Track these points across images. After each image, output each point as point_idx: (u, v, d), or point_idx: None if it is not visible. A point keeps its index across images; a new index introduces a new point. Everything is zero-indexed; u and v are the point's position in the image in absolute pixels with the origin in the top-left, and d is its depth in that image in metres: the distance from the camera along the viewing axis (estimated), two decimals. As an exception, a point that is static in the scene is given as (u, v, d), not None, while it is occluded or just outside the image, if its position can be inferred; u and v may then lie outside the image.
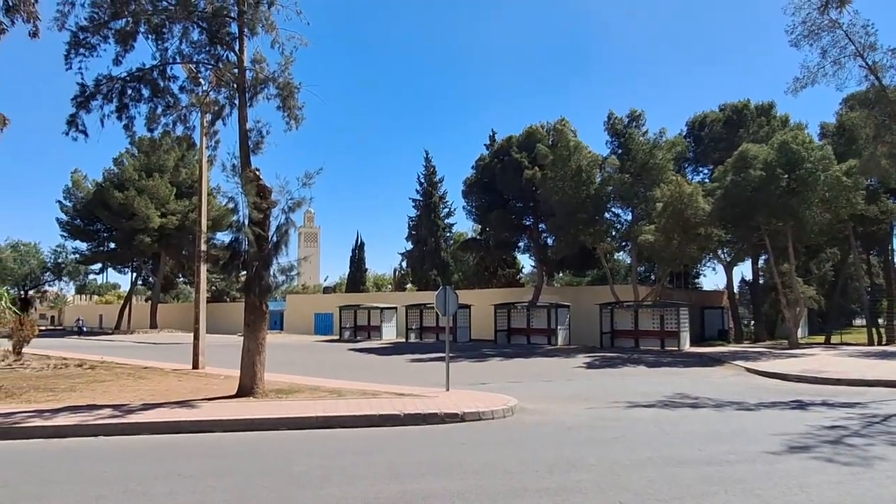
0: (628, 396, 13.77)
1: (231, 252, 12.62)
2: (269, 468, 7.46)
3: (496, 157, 40.93)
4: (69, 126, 12.57)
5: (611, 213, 34.86)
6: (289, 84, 12.72)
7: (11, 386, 14.22)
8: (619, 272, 53.54)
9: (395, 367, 22.22)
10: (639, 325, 31.93)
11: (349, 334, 43.39)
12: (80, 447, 8.89)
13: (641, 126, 34.30)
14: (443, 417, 10.62)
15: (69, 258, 64.49)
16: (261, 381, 12.94)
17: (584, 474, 6.98)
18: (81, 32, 11.65)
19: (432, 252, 56.55)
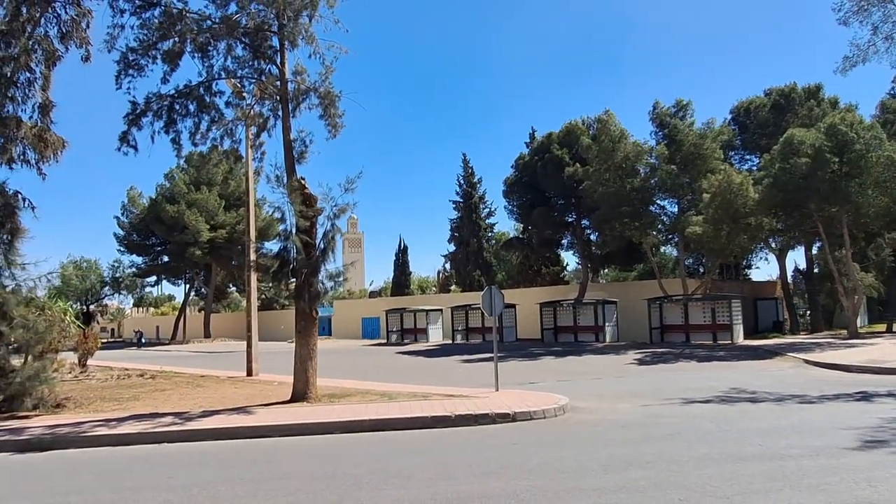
0: (682, 392, 13.49)
1: (280, 261, 12.90)
2: (327, 471, 7.60)
3: (536, 154, 40.64)
4: (121, 142, 13.10)
5: (656, 205, 34.17)
6: (330, 93, 12.96)
7: (80, 396, 14.86)
8: (666, 266, 52.44)
9: (444, 368, 22.32)
10: (689, 320, 31.23)
11: (396, 337, 43.77)
12: (146, 454, 9.23)
13: (688, 115, 33.54)
14: (494, 418, 10.62)
15: (126, 272, 67.03)
16: (313, 386, 13.19)
17: (640, 472, 6.88)
18: (131, 54, 12.14)
19: (475, 253, 56.54)
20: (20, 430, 10.75)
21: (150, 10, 12.28)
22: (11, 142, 12.54)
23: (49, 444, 9.89)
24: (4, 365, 12.96)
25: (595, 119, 37.83)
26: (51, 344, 14.02)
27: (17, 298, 13.24)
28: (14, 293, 13.22)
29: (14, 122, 12.44)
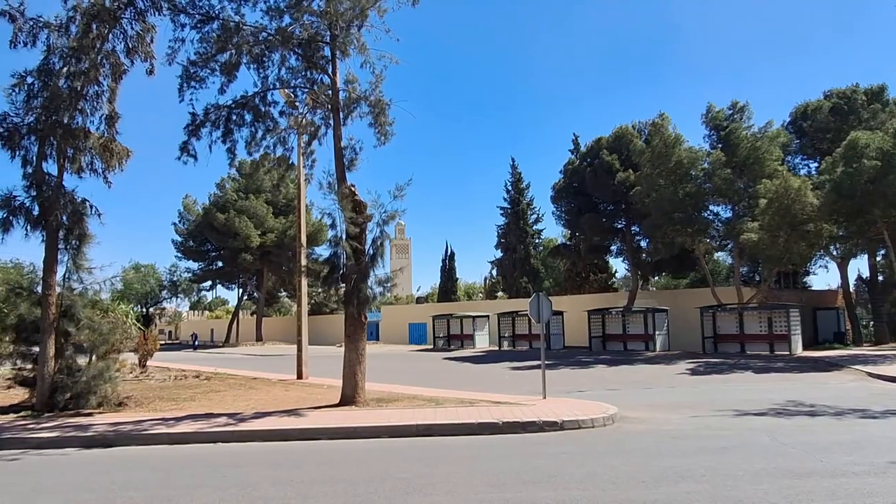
0: (736, 404, 13.09)
1: (330, 266, 13.15)
2: (375, 475, 7.68)
3: (585, 160, 40.20)
4: (181, 152, 13.63)
5: (710, 211, 33.29)
6: (380, 101, 13.19)
7: (140, 396, 15.47)
8: (719, 274, 50.96)
9: (491, 375, 22.26)
10: (744, 329, 30.27)
11: (443, 343, 43.89)
12: (201, 453, 9.54)
13: (744, 118, 32.60)
14: (541, 426, 10.54)
15: (183, 277, 69.31)
16: (362, 390, 13.36)
17: (693, 486, 6.71)
18: (192, 67, 12.66)
19: (522, 259, 56.23)
20: (86, 426, 11.26)
21: (209, 23, 12.78)
22: (80, 152, 13.21)
23: (112, 441, 10.34)
24: (71, 364, 13.62)
25: (648, 123, 37.15)
26: (114, 345, 14.64)
27: (83, 301, 13.92)
28: (81, 296, 13.90)
29: (83, 133, 13.11)
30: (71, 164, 13.28)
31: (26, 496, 7.15)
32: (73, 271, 13.85)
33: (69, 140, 12.91)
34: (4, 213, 12.91)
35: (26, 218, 13.11)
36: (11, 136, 12.65)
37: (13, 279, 25.36)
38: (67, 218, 13.36)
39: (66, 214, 13.29)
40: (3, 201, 12.86)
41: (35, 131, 12.91)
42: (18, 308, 14.38)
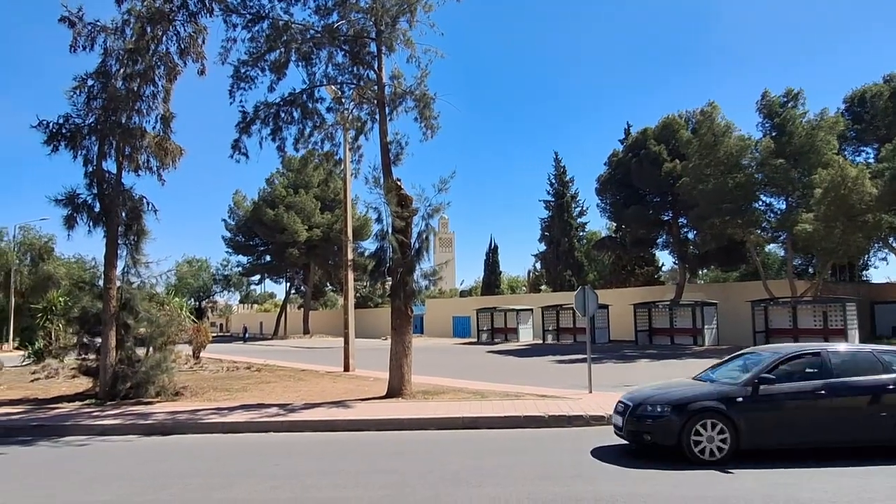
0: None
1: (377, 260, 13.32)
2: (423, 466, 7.79)
3: (630, 151, 39.51)
4: (233, 150, 14.02)
5: (761, 201, 32.29)
6: (425, 95, 13.27)
7: (195, 386, 16.02)
8: (771, 266, 49.46)
9: (535, 368, 22.17)
10: (798, 324, 29.29)
11: (487, 336, 43.90)
12: (254, 442, 9.83)
13: (799, 105, 31.47)
14: (588, 420, 10.48)
15: (233, 271, 71.27)
16: (408, 382, 13.51)
17: (750, 483, 6.60)
18: (242, 67, 13.00)
19: (566, 252, 55.71)
20: (146, 415, 11.74)
21: (259, 23, 13.09)
22: (137, 151, 13.74)
23: (171, 429, 10.76)
24: (131, 355, 14.20)
25: (696, 112, 36.24)
26: (170, 337, 15.18)
27: (142, 294, 14.49)
28: (139, 289, 14.47)
29: (140, 132, 13.62)
30: (129, 163, 13.82)
31: (96, 479, 7.52)
32: (132, 266, 14.43)
33: (127, 139, 13.43)
34: (69, 211, 13.54)
35: (88, 215, 13.71)
36: (74, 137, 13.24)
37: (76, 273, 26.55)
38: (126, 214, 13.92)
39: (125, 211, 13.85)
40: (68, 199, 13.47)
41: (95, 131, 13.47)
42: (81, 301, 15.08)
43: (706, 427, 7.59)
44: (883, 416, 7.73)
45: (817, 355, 8.27)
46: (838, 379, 7.95)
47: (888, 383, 7.88)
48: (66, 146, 13.41)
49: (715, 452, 7.53)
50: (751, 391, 7.82)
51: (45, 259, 45.91)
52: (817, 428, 7.77)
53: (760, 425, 7.71)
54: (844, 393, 7.87)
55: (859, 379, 8.00)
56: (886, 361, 8.13)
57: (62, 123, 13.43)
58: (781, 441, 7.79)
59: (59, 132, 13.37)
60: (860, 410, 7.85)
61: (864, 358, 8.32)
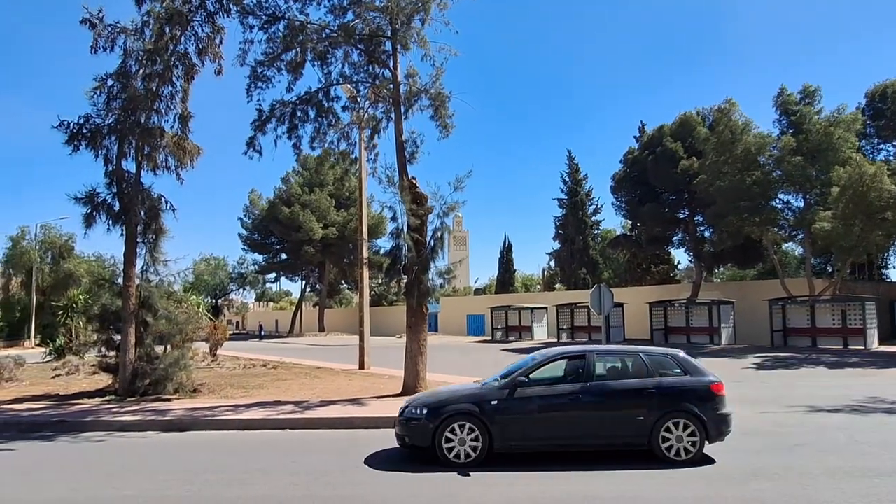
0: (808, 400, 12.59)
1: (392, 258, 13.37)
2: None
3: (646, 149, 39.24)
4: (248, 147, 14.14)
5: (779, 199, 31.93)
6: (440, 94, 13.28)
7: (212, 383, 16.18)
8: (788, 265, 48.89)
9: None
10: (816, 323, 28.95)
11: (501, 335, 43.85)
12: (271, 439, 9.92)
13: (815, 102, 31.07)
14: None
15: (249, 269, 71.76)
16: (423, 380, 13.55)
17: (766, 484, 6.54)
18: (259, 67, 13.10)
19: (580, 251, 55.49)
20: (164, 411, 11.89)
21: (275, 24, 13.19)
22: (156, 150, 13.90)
23: (188, 426, 10.89)
24: (150, 352, 14.38)
25: (714, 109, 35.88)
26: (188, 334, 15.34)
27: (160, 292, 14.66)
28: (158, 287, 14.65)
29: (159, 132, 13.79)
30: (148, 162, 13.99)
31: (115, 475, 7.64)
32: (151, 264, 14.60)
33: (146, 139, 13.60)
34: (89, 209, 13.73)
35: (108, 213, 13.90)
36: (94, 137, 13.43)
37: (96, 271, 26.91)
38: (145, 213, 14.10)
39: (143, 210, 14.02)
40: (87, 197, 13.66)
41: (115, 131, 13.65)
42: (101, 299, 15.30)
43: (458, 430, 7.58)
44: (640, 419, 7.66)
45: (582, 357, 8.21)
46: (599, 382, 7.91)
47: (648, 386, 7.83)
48: (86, 146, 13.60)
49: (469, 454, 7.54)
50: (507, 394, 7.79)
51: (65, 257, 46.57)
52: (574, 430, 7.72)
53: (514, 428, 7.69)
54: (603, 396, 7.81)
55: (620, 382, 7.99)
56: (651, 364, 8.07)
57: (83, 123, 13.63)
58: (535, 444, 7.77)
59: (79, 132, 13.57)
60: (618, 413, 7.78)
61: (630, 361, 8.29)
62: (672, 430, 7.60)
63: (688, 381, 7.97)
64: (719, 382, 8.04)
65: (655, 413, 7.63)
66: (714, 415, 7.74)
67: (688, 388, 7.89)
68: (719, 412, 7.81)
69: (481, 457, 7.52)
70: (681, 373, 8.08)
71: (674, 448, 7.57)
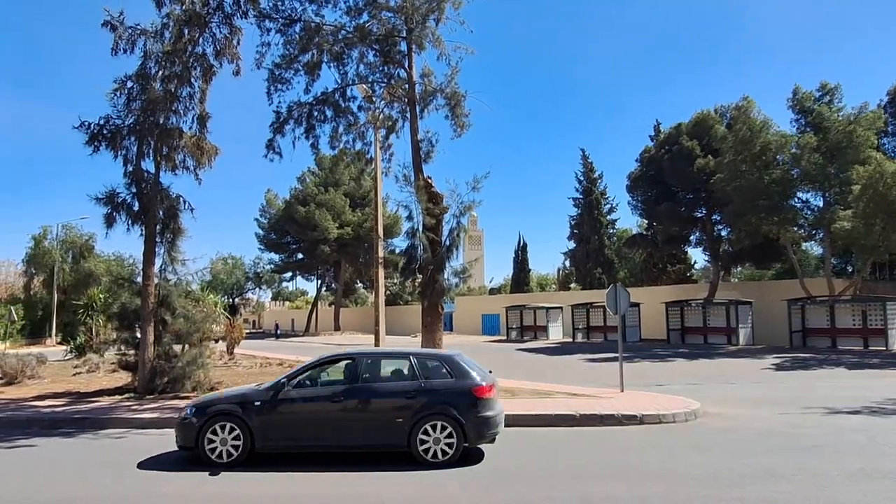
0: (827, 401, 12.43)
1: (408, 257, 13.42)
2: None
3: (663, 147, 38.98)
4: (267, 149, 14.29)
5: (798, 198, 31.55)
6: (456, 93, 13.32)
7: (230, 381, 16.28)
8: (808, 264, 48.26)
9: (565, 366, 22.07)
10: (835, 323, 28.56)
11: (516, 334, 43.79)
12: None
13: (834, 100, 30.65)
14: (620, 419, 10.42)
15: (265, 268, 72.27)
16: (438, 379, 13.57)
17: (783, 485, 6.48)
18: (277, 69, 13.23)
19: (596, 250, 55.23)
20: (182, 408, 12.00)
21: (292, 26, 13.32)
22: (175, 150, 14.06)
23: (207, 423, 10.98)
24: (168, 350, 14.56)
25: (731, 107, 35.54)
26: (205, 333, 15.49)
27: (178, 291, 14.83)
28: (176, 286, 14.81)
29: (177, 132, 13.95)
30: (166, 162, 14.16)
31: (134, 472, 7.75)
32: (169, 263, 14.78)
33: (165, 139, 13.77)
34: (109, 209, 13.92)
35: (128, 213, 14.09)
36: (114, 138, 13.61)
37: (115, 271, 27.23)
38: (164, 213, 14.27)
39: (162, 210, 14.19)
40: (108, 198, 13.85)
41: (134, 132, 13.83)
42: (120, 297, 15.51)
43: (220, 430, 7.70)
44: (399, 421, 7.71)
45: (351, 360, 8.30)
46: (364, 385, 7.98)
47: (410, 389, 7.90)
48: (106, 146, 13.79)
49: (231, 453, 7.68)
50: (271, 395, 7.89)
51: (85, 257, 47.21)
52: (336, 432, 7.83)
53: (275, 429, 7.80)
54: (365, 398, 7.88)
55: (384, 385, 8.06)
56: (420, 368, 8.12)
57: (103, 124, 13.82)
58: (297, 444, 7.86)
59: (100, 133, 13.76)
60: (379, 416, 7.85)
61: (399, 364, 8.36)
62: (430, 432, 7.68)
63: (450, 384, 8.01)
64: (484, 386, 8.00)
65: (415, 416, 7.73)
66: (474, 417, 7.77)
67: (449, 390, 7.94)
68: (480, 415, 7.82)
69: (242, 456, 7.69)
70: (447, 376, 8.11)
71: (431, 450, 7.65)
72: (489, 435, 7.91)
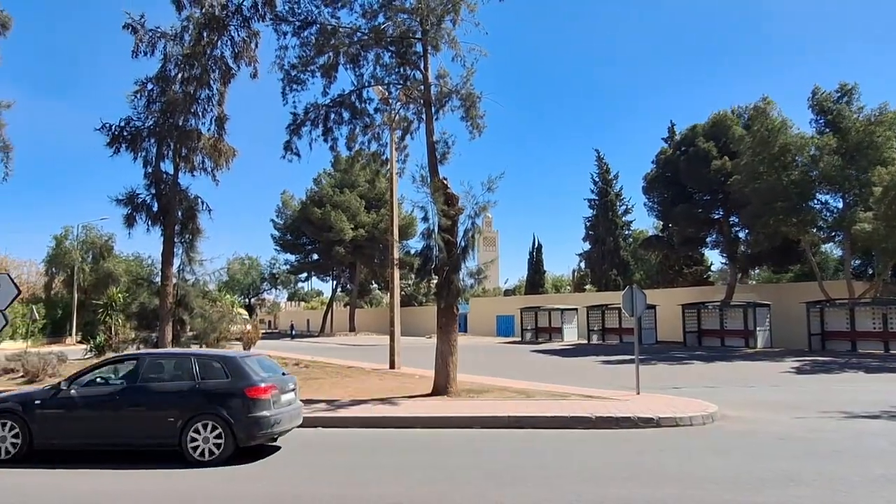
0: (848, 405, 12.25)
1: (423, 258, 13.44)
2: (469, 464, 7.84)
3: (678, 148, 38.73)
4: (285, 150, 14.38)
5: (817, 199, 31.17)
6: (471, 95, 13.32)
7: (245, 380, 16.45)
8: (827, 267, 47.64)
9: (580, 368, 21.97)
10: (855, 326, 28.15)
11: (530, 336, 43.65)
12: (302, 437, 10.05)
13: (854, 100, 30.25)
14: (636, 422, 10.35)
15: (281, 269, 72.81)
16: (453, 381, 13.59)
17: (804, 490, 6.40)
18: (293, 71, 13.32)
19: (611, 251, 54.93)
20: None
21: (307, 28, 13.40)
22: (193, 152, 14.25)
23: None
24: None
25: (749, 108, 35.18)
26: (222, 332, 15.67)
27: (196, 291, 15.01)
28: (194, 287, 14.99)
29: (196, 134, 14.13)
30: (185, 164, 14.36)
31: (151, 469, 7.85)
32: (187, 263, 15.00)
33: (184, 141, 13.97)
34: (129, 210, 14.15)
35: (147, 214, 14.31)
36: (135, 139, 13.84)
37: (134, 271, 27.50)
38: (182, 214, 14.46)
39: (181, 210, 14.37)
40: (128, 199, 14.07)
41: (154, 133, 14.05)
42: (139, 297, 15.75)
43: (1, 428, 8.06)
44: (171, 420, 7.88)
45: (135, 360, 8.61)
46: (142, 384, 8.20)
47: (184, 389, 8.12)
48: (127, 148, 14.03)
49: (9, 450, 8.01)
50: (51, 394, 8.25)
51: (105, 257, 47.88)
52: (114, 430, 8.08)
53: (54, 426, 8.10)
54: (142, 398, 8.14)
55: (161, 384, 8.28)
56: (200, 368, 8.34)
57: (123, 126, 14.06)
58: (76, 442, 8.16)
59: (120, 134, 13.99)
60: (154, 414, 8.05)
61: (180, 364, 8.53)
62: (200, 431, 7.87)
63: (224, 385, 8.19)
64: (259, 387, 8.15)
65: (186, 415, 7.92)
66: (244, 418, 7.94)
67: (221, 391, 8.13)
68: (250, 415, 7.98)
69: (21, 453, 8.02)
70: (224, 376, 8.29)
71: (199, 448, 7.84)
72: (261, 435, 8.16)
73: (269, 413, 8.11)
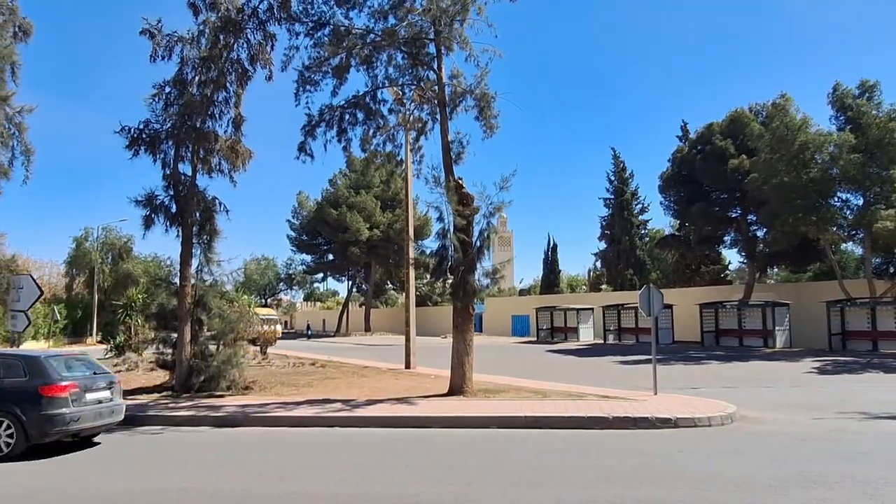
0: (871, 406, 12.07)
1: (439, 258, 13.45)
2: (486, 464, 7.83)
3: (695, 147, 38.38)
4: (299, 151, 14.47)
5: (837, 197, 30.71)
6: (485, 95, 13.30)
7: (263, 381, 16.59)
8: (848, 266, 46.94)
9: (597, 368, 21.87)
10: (877, 326, 27.72)
11: (546, 336, 43.52)
12: (320, 437, 10.12)
13: (874, 97, 29.79)
14: (654, 422, 10.28)
15: (297, 269, 73.28)
16: (469, 380, 13.57)
17: (827, 492, 6.30)
18: (306, 71, 13.39)
19: (627, 251, 54.58)
20: (217, 407, 12.25)
21: (321, 29, 13.46)
22: (211, 154, 14.37)
23: (240, 422, 11.21)
24: (204, 350, 14.85)
25: (767, 105, 34.76)
26: (240, 333, 15.76)
27: (214, 292, 15.12)
28: (212, 287, 15.11)
29: (213, 136, 14.25)
30: (203, 165, 14.48)
31: (172, 468, 7.94)
32: (205, 264, 15.10)
33: (201, 143, 14.09)
34: (148, 212, 14.29)
35: (165, 215, 14.44)
36: (153, 142, 13.98)
37: (153, 271, 27.83)
38: (200, 215, 14.58)
39: (199, 211, 14.50)
40: (146, 200, 14.22)
41: (172, 136, 14.18)
42: (158, 297, 15.90)
43: None
44: None
45: None
46: None
47: None
48: (145, 150, 14.17)
49: None
50: None
51: (124, 258, 48.58)
52: None
53: None
54: None
55: None
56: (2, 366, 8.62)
57: (142, 129, 14.20)
58: None
59: (139, 137, 14.15)
60: None
61: None
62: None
63: (19, 383, 8.46)
64: (55, 385, 8.39)
65: None
66: (36, 415, 8.23)
67: (15, 389, 8.41)
68: (42, 413, 8.24)
69: None
70: (22, 375, 8.55)
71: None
72: (55, 432, 8.36)
73: (66, 411, 8.39)
